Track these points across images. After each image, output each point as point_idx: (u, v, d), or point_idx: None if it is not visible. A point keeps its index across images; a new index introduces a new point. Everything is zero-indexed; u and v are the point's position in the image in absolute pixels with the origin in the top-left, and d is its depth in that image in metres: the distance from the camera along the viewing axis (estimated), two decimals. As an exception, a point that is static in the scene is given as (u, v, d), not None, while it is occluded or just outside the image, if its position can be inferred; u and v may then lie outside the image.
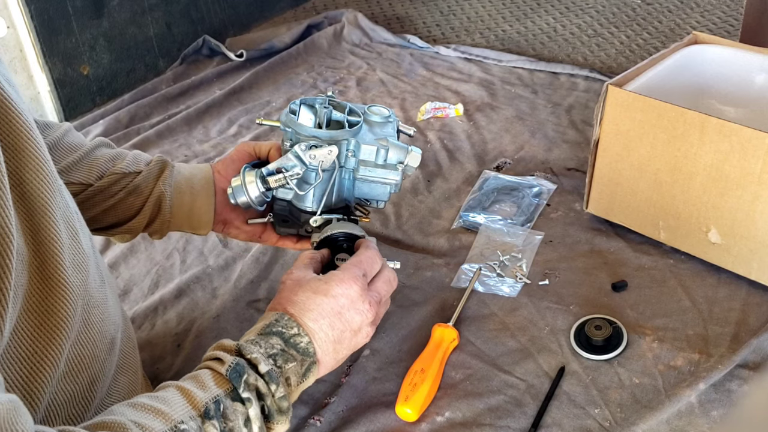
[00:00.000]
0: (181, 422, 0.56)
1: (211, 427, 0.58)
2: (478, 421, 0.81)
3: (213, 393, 0.60)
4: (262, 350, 0.66)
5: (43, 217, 0.55)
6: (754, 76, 1.09)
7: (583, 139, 1.32)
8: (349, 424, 0.82)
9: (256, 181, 0.83)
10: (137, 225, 0.86)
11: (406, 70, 1.66)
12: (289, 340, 0.68)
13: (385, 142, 0.87)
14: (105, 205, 0.84)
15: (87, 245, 0.63)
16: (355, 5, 2.04)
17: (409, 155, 0.87)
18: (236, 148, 0.94)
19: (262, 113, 1.53)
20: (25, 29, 1.48)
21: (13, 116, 0.54)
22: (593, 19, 1.91)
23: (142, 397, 0.59)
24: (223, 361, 0.64)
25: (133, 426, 0.54)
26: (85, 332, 0.60)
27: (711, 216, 0.96)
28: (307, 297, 0.71)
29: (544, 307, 0.96)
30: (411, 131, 0.94)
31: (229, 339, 0.68)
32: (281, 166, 0.83)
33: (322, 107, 0.88)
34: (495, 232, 1.09)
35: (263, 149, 0.92)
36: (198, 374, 0.63)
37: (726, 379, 0.83)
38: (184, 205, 0.88)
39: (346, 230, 0.83)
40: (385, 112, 0.91)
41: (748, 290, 0.96)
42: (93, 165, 0.84)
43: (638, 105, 0.97)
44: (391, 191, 0.90)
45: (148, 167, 0.87)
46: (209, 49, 1.80)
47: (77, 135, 0.86)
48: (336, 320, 0.71)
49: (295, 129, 0.85)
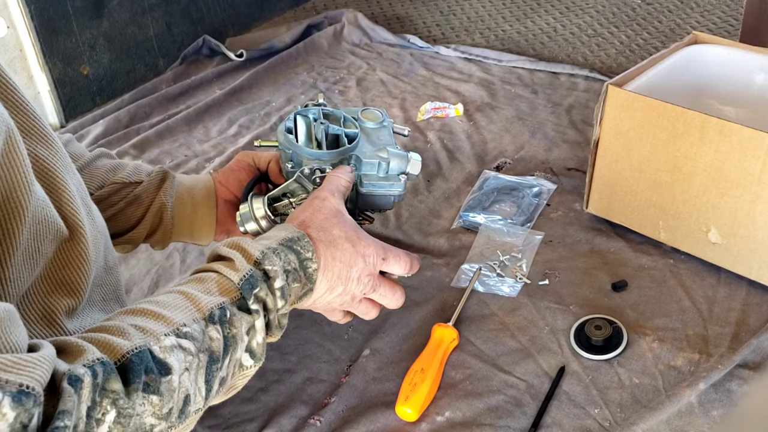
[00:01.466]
0: (183, 325, 0.56)
1: (214, 331, 0.58)
2: (478, 421, 0.81)
3: (219, 300, 0.60)
4: (281, 263, 0.66)
5: (63, 192, 0.58)
6: (754, 76, 1.09)
7: (583, 139, 1.32)
8: (349, 424, 0.82)
9: (264, 208, 0.82)
10: (138, 235, 0.87)
11: (406, 70, 1.66)
12: (302, 261, 0.68)
13: (385, 154, 0.85)
14: (105, 215, 0.84)
15: (101, 224, 0.66)
16: (355, 5, 2.04)
17: (410, 163, 0.87)
18: (236, 159, 0.94)
19: (262, 113, 1.53)
20: (25, 29, 1.48)
21: (17, 97, 0.57)
22: (593, 19, 1.91)
23: (143, 302, 0.59)
24: (236, 267, 0.63)
25: (133, 330, 0.54)
26: (89, 308, 0.62)
27: (711, 216, 0.96)
28: (338, 236, 0.72)
29: (544, 307, 0.96)
30: (405, 131, 0.94)
31: (247, 240, 0.67)
32: (287, 192, 0.82)
33: (319, 123, 0.86)
34: (495, 232, 1.09)
35: (263, 162, 0.92)
36: (204, 277, 0.63)
37: (726, 379, 0.83)
38: (186, 216, 0.88)
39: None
40: (378, 115, 0.90)
41: (748, 290, 0.96)
42: (93, 174, 0.84)
43: (638, 105, 0.97)
44: (395, 200, 0.88)
45: (149, 177, 0.87)
46: (209, 49, 1.80)
47: (78, 145, 0.87)
48: (344, 272, 0.72)
49: (295, 150, 0.83)
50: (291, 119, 0.85)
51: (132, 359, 0.51)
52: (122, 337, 0.53)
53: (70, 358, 0.49)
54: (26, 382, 0.42)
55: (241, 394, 0.69)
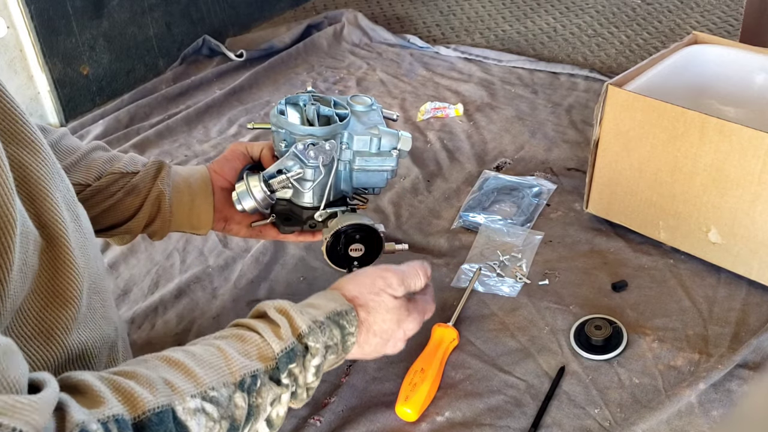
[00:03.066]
0: (212, 388, 0.56)
1: (241, 399, 0.58)
2: (478, 421, 0.81)
3: (254, 366, 0.60)
4: (324, 339, 0.67)
5: (45, 200, 0.56)
6: (754, 76, 1.09)
7: (583, 139, 1.32)
8: (349, 424, 0.82)
9: (260, 185, 0.85)
10: (136, 225, 0.87)
11: (406, 70, 1.66)
12: (345, 336, 0.70)
13: (376, 131, 0.89)
14: (104, 205, 0.84)
15: (88, 230, 0.64)
16: (355, 5, 2.04)
17: (401, 140, 0.90)
18: (230, 148, 0.95)
19: (262, 113, 1.53)
20: (25, 29, 1.48)
21: (5, 102, 0.55)
22: (593, 19, 1.91)
23: (178, 351, 0.58)
24: (281, 336, 0.63)
25: (162, 385, 0.53)
26: (90, 316, 0.61)
27: (711, 216, 0.96)
28: (388, 319, 0.74)
29: (544, 307, 0.96)
30: (395, 115, 0.96)
31: (295, 307, 0.67)
32: (282, 168, 0.85)
33: (309, 104, 0.89)
34: (495, 232, 1.09)
35: (255, 150, 0.94)
36: (246, 337, 0.62)
37: (726, 379, 0.83)
38: (184, 204, 0.89)
39: (356, 221, 0.85)
40: (367, 100, 0.93)
41: (748, 290, 0.96)
42: (91, 166, 0.84)
43: (638, 105, 0.97)
44: (388, 177, 0.91)
45: (145, 167, 0.87)
46: (209, 49, 1.80)
47: (73, 139, 0.87)
48: (380, 346, 0.76)
49: (288, 129, 0.86)
50: (282, 103, 0.89)
51: (152, 418, 0.51)
52: (149, 390, 0.52)
53: (88, 404, 0.48)
54: (20, 427, 0.41)
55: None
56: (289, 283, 1.06)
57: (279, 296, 1.03)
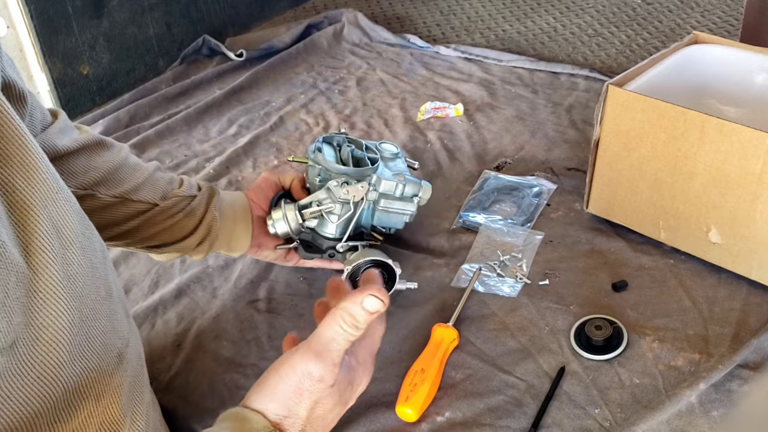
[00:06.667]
0: None
1: None
2: (478, 421, 0.81)
3: None
4: None
5: (35, 226, 0.53)
6: (754, 76, 1.09)
7: (583, 139, 1.32)
8: (349, 424, 0.82)
9: (296, 213, 0.95)
10: (189, 244, 0.93)
11: (406, 70, 1.66)
12: None
13: (402, 178, 0.99)
14: (166, 224, 0.91)
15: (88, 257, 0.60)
16: (355, 5, 2.04)
17: (423, 189, 1.00)
18: (262, 177, 1.03)
19: (262, 113, 1.53)
20: (25, 29, 1.48)
21: (4, 120, 0.53)
22: (593, 18, 1.91)
23: None
24: None
25: None
26: (88, 346, 0.57)
27: (711, 216, 0.96)
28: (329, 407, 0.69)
29: (544, 307, 0.96)
30: (416, 164, 1.08)
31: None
32: (315, 200, 0.95)
33: (345, 145, 1.02)
34: (495, 232, 1.09)
35: (287, 180, 1.03)
36: None
37: (726, 379, 0.83)
38: (227, 230, 0.96)
39: (377, 258, 0.91)
40: (393, 149, 1.06)
41: (749, 290, 0.96)
42: (156, 185, 0.91)
43: (638, 105, 0.97)
44: (406, 220, 1.02)
45: (201, 192, 0.95)
46: (209, 49, 1.80)
47: (134, 159, 0.93)
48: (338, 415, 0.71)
49: (325, 166, 0.97)
50: (320, 141, 1.00)
51: None
52: None
53: None
54: None
55: (241, 394, 0.68)
56: (289, 283, 1.06)
57: (279, 296, 1.04)
